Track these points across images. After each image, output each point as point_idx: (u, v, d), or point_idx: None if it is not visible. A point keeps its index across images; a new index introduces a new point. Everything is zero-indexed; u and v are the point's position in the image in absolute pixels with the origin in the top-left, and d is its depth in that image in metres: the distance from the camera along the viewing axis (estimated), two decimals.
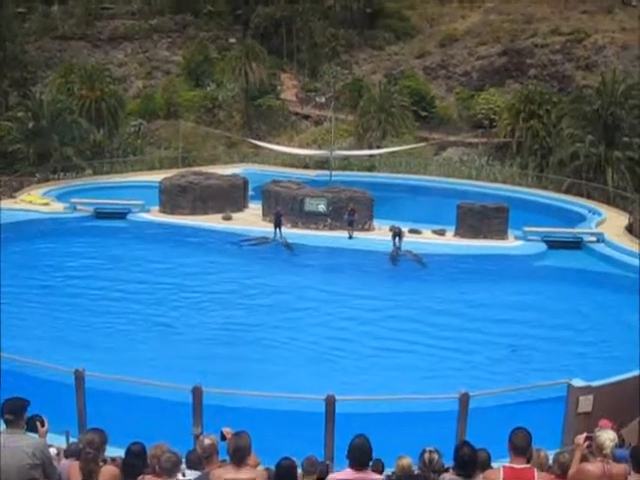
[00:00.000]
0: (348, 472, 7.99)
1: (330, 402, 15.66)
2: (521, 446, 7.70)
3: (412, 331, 28.27)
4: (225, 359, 25.19)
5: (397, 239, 38.34)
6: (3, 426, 7.90)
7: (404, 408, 19.01)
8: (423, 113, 70.02)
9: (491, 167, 60.00)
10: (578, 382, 17.16)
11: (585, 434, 8.41)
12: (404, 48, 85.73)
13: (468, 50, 79.40)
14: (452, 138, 66.28)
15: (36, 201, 47.57)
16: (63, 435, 15.56)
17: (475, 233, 40.61)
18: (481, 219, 40.76)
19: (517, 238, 40.83)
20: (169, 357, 25.39)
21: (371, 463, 8.30)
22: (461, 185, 55.71)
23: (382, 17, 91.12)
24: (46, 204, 47.10)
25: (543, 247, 39.70)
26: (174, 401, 18.63)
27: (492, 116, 65.81)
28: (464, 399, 15.78)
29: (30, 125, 56.68)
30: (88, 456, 7.83)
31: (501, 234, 40.71)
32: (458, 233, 41.18)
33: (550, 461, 8.87)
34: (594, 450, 8.06)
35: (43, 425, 8.48)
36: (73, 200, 47.03)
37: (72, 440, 15.63)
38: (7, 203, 47.07)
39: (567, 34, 74.66)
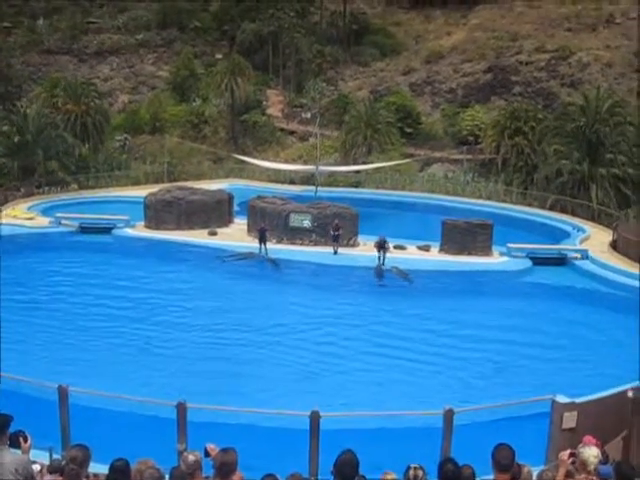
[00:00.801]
0: None
1: (315, 418, 15.65)
2: (504, 463, 7.71)
3: (396, 347, 28.25)
4: (209, 375, 25.10)
5: (382, 252, 38.44)
6: None
7: (388, 424, 19.01)
8: (408, 129, 70.13)
9: (476, 183, 60.14)
10: (562, 398, 17.19)
11: (569, 450, 8.43)
12: (390, 64, 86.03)
13: (453, 67, 79.78)
14: (437, 154, 66.47)
15: (20, 215, 47.40)
16: (46, 451, 15.47)
17: (460, 249, 40.71)
18: (466, 235, 40.88)
19: (502, 254, 40.95)
20: (153, 373, 25.30)
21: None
22: (446, 201, 55.86)
23: (368, 34, 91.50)
24: (31, 218, 46.94)
25: (528, 263, 39.81)
26: (158, 417, 18.57)
27: (477, 132, 65.97)
28: (448, 415, 15.80)
29: (15, 139, 56.48)
30: (72, 472, 7.79)
31: (486, 250, 40.84)
32: (443, 249, 41.28)
33: (534, 477, 8.87)
34: (578, 467, 8.09)
35: (26, 441, 8.46)
36: (58, 214, 46.89)
37: (55, 456, 15.53)
38: None
39: (552, 51, 75.21)
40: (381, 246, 38.56)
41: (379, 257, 38.49)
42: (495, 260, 40.42)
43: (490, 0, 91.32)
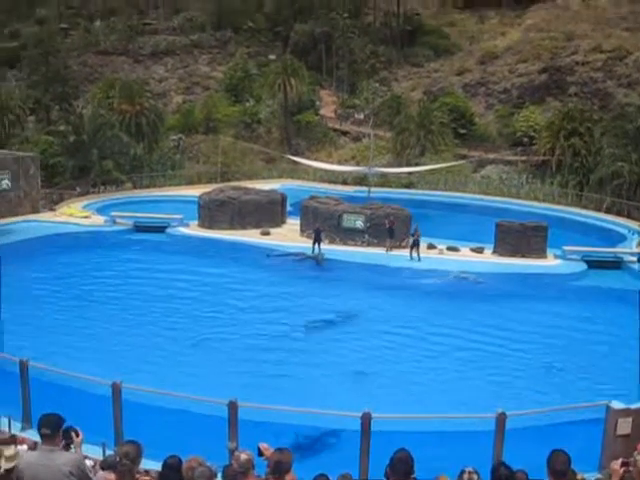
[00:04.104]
0: None
1: (366, 419, 15.57)
2: (560, 469, 7.57)
3: (449, 349, 28.06)
4: (260, 373, 25.15)
5: (416, 245, 39.12)
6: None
7: (440, 427, 18.87)
8: (462, 130, 69.74)
9: (530, 185, 59.63)
10: (617, 404, 16.89)
11: (621, 460, 8.26)
12: (444, 65, 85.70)
13: (508, 67, 79.07)
14: (491, 156, 65.99)
15: (76, 214, 48.04)
16: (99, 446, 15.62)
17: (514, 251, 40.32)
18: (520, 237, 40.47)
19: (556, 257, 40.49)
20: (206, 371, 25.43)
21: None
22: (500, 203, 55.41)
23: (422, 34, 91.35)
24: (86, 217, 47.57)
25: (583, 266, 39.31)
26: (210, 415, 18.64)
27: (532, 134, 65.36)
28: (501, 419, 15.62)
29: (71, 139, 57.36)
30: (124, 468, 7.83)
31: (540, 253, 40.39)
32: (497, 251, 40.92)
33: None
34: (634, 475, 7.92)
35: (78, 435, 8.51)
36: (113, 213, 47.49)
37: (108, 452, 15.70)
38: (47, 216, 47.75)
39: (608, 51, 74.09)
40: (415, 241, 39.25)
41: (413, 247, 39.19)
42: (550, 263, 39.96)
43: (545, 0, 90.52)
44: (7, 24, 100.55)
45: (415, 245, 39.72)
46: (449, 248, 40.81)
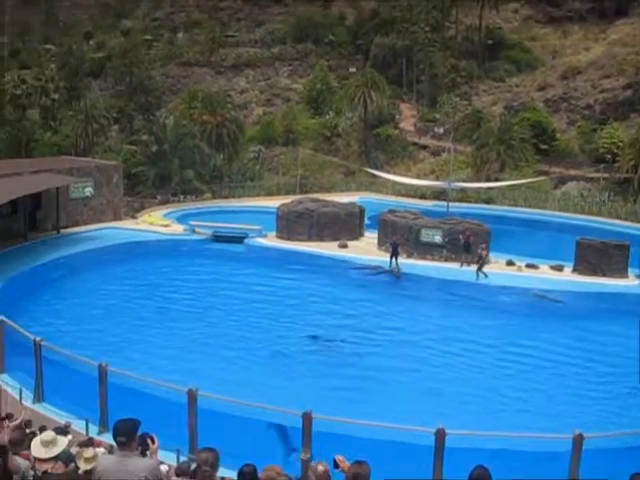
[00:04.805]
0: None
1: (440, 435, 15.50)
2: None
3: (527, 367, 27.74)
4: (335, 385, 25.18)
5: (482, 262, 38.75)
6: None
7: (515, 445, 18.64)
8: (543, 146, 69.02)
9: (612, 203, 58.64)
10: None
11: None
12: (525, 80, 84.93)
13: (591, 83, 78.01)
14: (572, 172, 65.18)
15: (156, 222, 48.77)
16: (174, 452, 15.84)
17: (594, 270, 39.57)
18: (601, 256, 39.70)
19: (638, 277, 39.64)
20: (280, 381, 25.57)
21: None
22: (580, 220, 54.53)
23: (503, 48, 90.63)
24: (166, 225, 48.24)
25: None
26: (281, 425, 18.74)
27: (615, 151, 64.32)
28: (577, 440, 15.40)
29: (153, 148, 58.39)
30: (205, 474, 7.92)
31: (621, 272, 39.58)
32: (576, 269, 40.22)
33: None
34: None
35: (154, 442, 8.65)
36: (192, 222, 48.03)
37: (182, 458, 15.91)
38: (129, 223, 48.57)
39: None
40: (480, 257, 38.89)
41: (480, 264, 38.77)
42: (631, 283, 39.10)
43: (631, 14, 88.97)
44: (93, 35, 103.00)
45: (481, 262, 39.37)
46: (528, 265, 40.31)
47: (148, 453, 8.95)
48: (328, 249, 43.68)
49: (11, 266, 36.55)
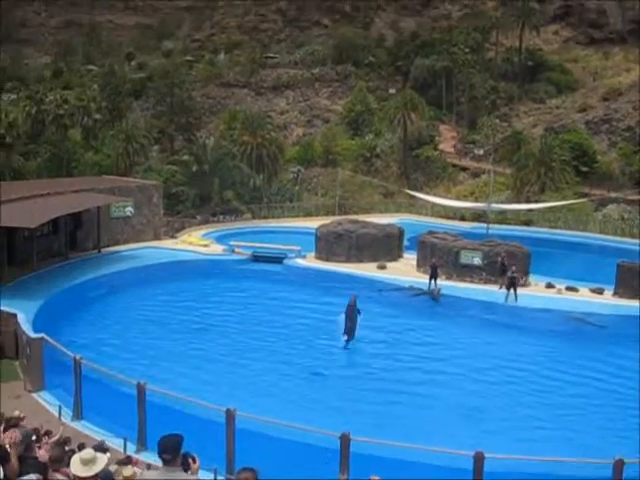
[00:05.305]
0: None
1: (479, 459, 15.48)
2: None
3: (568, 392, 27.51)
4: (372, 407, 25.16)
5: (514, 285, 38.62)
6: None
7: (550, 470, 18.55)
8: (584, 168, 68.65)
9: None
10: None
11: None
12: (566, 101, 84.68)
13: (632, 104, 77.56)
14: (613, 194, 64.67)
15: (196, 242, 49.20)
16: (211, 472, 15.97)
17: (635, 293, 39.21)
18: None
19: None
20: (319, 402, 25.61)
21: None
22: (621, 243, 54.15)
23: (544, 70, 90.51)
24: (206, 245, 48.64)
25: None
26: (320, 446, 18.80)
27: None
28: (618, 465, 15.32)
29: (193, 169, 58.94)
30: None
31: None
32: (617, 293, 39.91)
33: None
34: None
35: (195, 462, 8.77)
36: (231, 243, 48.37)
37: (219, 478, 16.04)
38: (169, 243, 49.07)
39: None
40: (512, 280, 38.60)
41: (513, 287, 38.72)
42: None
43: None
44: (135, 56, 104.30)
45: (512, 284, 39.04)
46: (568, 288, 40.08)
47: (189, 472, 9.07)
48: (367, 270, 43.77)
49: (52, 284, 37.08)
